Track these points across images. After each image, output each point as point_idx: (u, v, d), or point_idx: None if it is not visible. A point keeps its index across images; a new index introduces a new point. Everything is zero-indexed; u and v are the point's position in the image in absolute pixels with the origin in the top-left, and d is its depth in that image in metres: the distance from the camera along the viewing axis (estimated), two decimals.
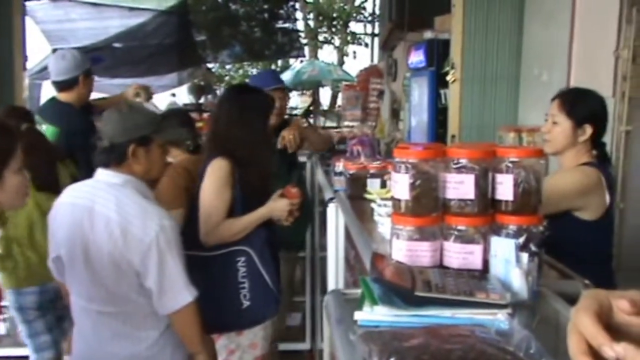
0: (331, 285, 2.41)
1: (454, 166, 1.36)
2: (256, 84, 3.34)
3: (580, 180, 2.21)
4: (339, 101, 14.85)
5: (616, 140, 3.36)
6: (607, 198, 2.24)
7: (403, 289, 1.15)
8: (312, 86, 13.39)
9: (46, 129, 3.43)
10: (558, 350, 1.00)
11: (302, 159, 3.79)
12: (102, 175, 2.09)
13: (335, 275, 2.42)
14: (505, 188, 1.35)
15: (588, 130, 2.23)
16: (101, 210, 2.01)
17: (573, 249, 1.86)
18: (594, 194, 2.21)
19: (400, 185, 1.37)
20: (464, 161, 1.35)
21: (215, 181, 2.38)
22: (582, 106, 2.26)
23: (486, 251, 1.36)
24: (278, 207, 2.45)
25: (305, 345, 4.07)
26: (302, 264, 3.96)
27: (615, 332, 0.62)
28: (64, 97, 3.50)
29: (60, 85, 3.50)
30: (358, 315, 1.14)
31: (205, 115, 6.50)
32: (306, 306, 4.02)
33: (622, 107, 3.30)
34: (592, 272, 1.58)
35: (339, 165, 2.56)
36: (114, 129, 2.06)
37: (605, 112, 2.31)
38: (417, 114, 5.58)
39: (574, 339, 0.64)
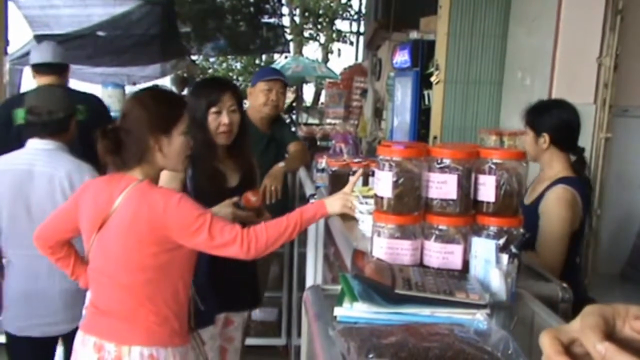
0: (310, 281, 2.41)
1: (438, 166, 1.36)
2: (257, 78, 3.47)
3: (568, 216, 2.34)
4: (322, 98, 14.86)
5: (596, 147, 3.40)
6: (581, 215, 2.39)
7: (383, 286, 1.15)
8: (295, 82, 13.34)
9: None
10: (534, 351, 1.01)
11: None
12: (37, 144, 2.53)
13: (314, 271, 2.42)
14: (487, 189, 1.36)
15: (546, 138, 2.40)
16: (42, 170, 2.48)
17: None
18: (572, 212, 2.35)
19: (384, 182, 1.37)
20: (447, 161, 1.35)
21: (162, 179, 2.28)
22: (541, 118, 2.44)
23: (466, 251, 1.36)
24: (220, 214, 2.35)
25: (280, 341, 4.06)
26: (279, 260, 3.95)
27: (620, 345, 0.62)
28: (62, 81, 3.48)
29: (63, 68, 3.48)
30: (337, 311, 1.14)
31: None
32: (283, 302, 4.01)
33: (602, 115, 3.34)
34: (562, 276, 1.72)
35: (322, 162, 2.56)
36: (55, 105, 2.53)
37: (567, 121, 2.46)
38: (400, 114, 5.59)
39: (547, 339, 0.64)
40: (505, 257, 1.27)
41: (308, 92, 17.11)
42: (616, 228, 3.78)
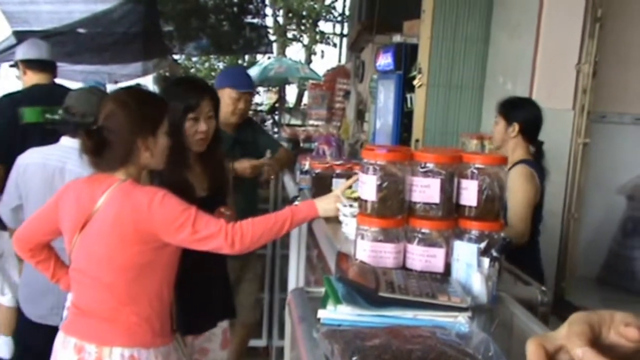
0: (292, 283, 2.42)
1: (421, 170, 1.38)
2: (228, 82, 3.28)
3: (529, 187, 2.72)
4: (305, 99, 14.87)
5: (574, 153, 3.46)
6: (540, 190, 2.78)
7: (366, 289, 1.16)
8: (278, 83, 13.35)
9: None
10: (514, 353, 1.03)
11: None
12: (69, 142, 2.55)
13: (296, 273, 2.43)
14: (469, 193, 1.39)
15: (516, 127, 2.80)
16: (72, 169, 2.50)
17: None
18: (532, 185, 2.74)
19: (368, 186, 1.39)
20: (430, 165, 1.37)
21: None
22: (513, 110, 2.86)
23: (448, 255, 1.39)
24: None
25: (261, 342, 4.06)
26: (261, 262, 3.95)
27: (605, 351, 0.64)
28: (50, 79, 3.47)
29: (54, 66, 3.49)
30: (321, 314, 1.15)
31: None
32: (264, 303, 4.01)
33: (580, 120, 3.40)
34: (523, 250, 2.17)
35: (305, 164, 2.57)
36: (88, 110, 2.48)
37: (535, 117, 2.86)
38: (383, 117, 5.62)
39: (532, 346, 0.66)
40: (486, 261, 1.29)
41: (291, 93, 17.12)
42: (593, 232, 3.84)
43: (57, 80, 3.71)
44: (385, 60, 5.39)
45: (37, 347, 2.68)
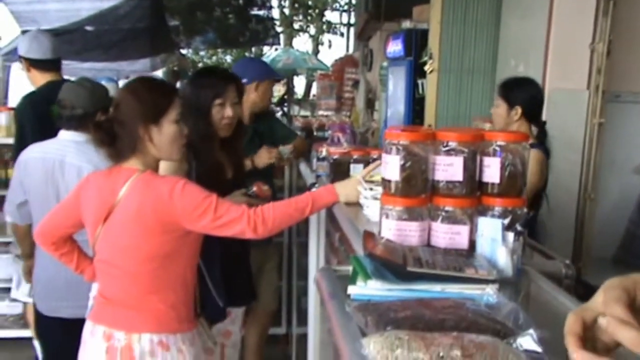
0: (312, 268, 2.44)
1: (444, 149, 1.40)
2: (264, 74, 3.36)
3: (537, 166, 2.72)
4: (314, 90, 14.87)
5: (589, 133, 3.45)
6: (546, 176, 2.82)
7: (395, 264, 1.19)
8: (286, 75, 13.35)
9: None
10: (539, 324, 1.05)
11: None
12: (67, 135, 2.62)
13: (316, 258, 2.46)
14: (492, 171, 1.40)
15: (519, 110, 2.78)
16: (72, 162, 2.57)
17: None
18: (544, 171, 2.79)
19: (391, 166, 1.41)
20: (453, 144, 1.39)
21: (166, 170, 2.25)
22: (514, 92, 2.81)
23: (472, 232, 1.40)
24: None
25: (281, 330, 4.11)
26: (279, 250, 3.98)
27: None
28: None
29: (60, 63, 3.41)
30: (351, 290, 1.18)
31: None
32: (283, 291, 4.05)
33: (595, 100, 3.39)
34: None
35: (322, 151, 2.59)
36: (86, 100, 2.58)
37: (537, 97, 2.86)
38: (394, 104, 5.62)
39: (571, 319, 0.68)
40: (511, 235, 1.31)
41: (299, 84, 17.12)
42: (609, 212, 3.84)
43: (66, 78, 3.71)
44: (395, 47, 5.39)
45: (54, 340, 2.74)
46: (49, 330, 2.75)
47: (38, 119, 3.14)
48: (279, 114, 10.93)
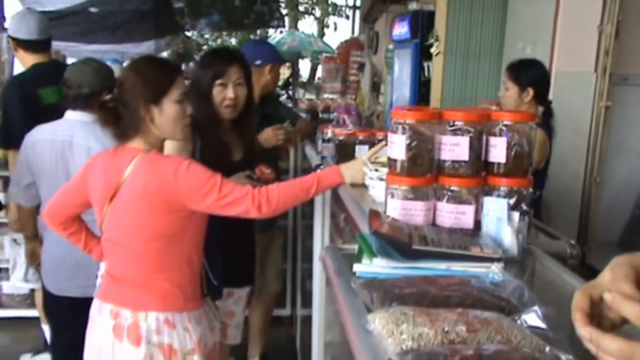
0: (317, 248, 2.46)
1: (450, 128, 1.40)
2: (272, 57, 3.33)
3: (536, 146, 2.67)
4: (319, 73, 14.81)
5: (596, 116, 3.44)
6: (547, 155, 2.86)
7: (401, 242, 1.19)
8: (291, 57, 13.29)
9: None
10: (546, 302, 1.05)
11: None
12: (74, 115, 2.61)
13: (321, 239, 2.47)
14: (498, 150, 1.40)
15: (530, 92, 2.81)
16: (80, 142, 2.57)
17: None
18: (543, 152, 2.81)
19: (397, 145, 1.41)
20: (459, 124, 1.39)
21: (170, 149, 2.25)
22: (524, 74, 2.83)
23: (477, 212, 1.41)
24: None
25: (285, 312, 4.13)
26: (283, 233, 3.99)
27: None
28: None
29: (49, 44, 3.36)
30: (356, 267, 1.19)
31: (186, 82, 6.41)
32: (287, 274, 4.07)
33: (602, 83, 3.37)
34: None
35: (328, 132, 2.58)
36: (92, 79, 2.58)
37: (546, 78, 2.91)
38: (399, 87, 5.60)
39: (578, 296, 0.68)
40: (516, 215, 1.31)
41: (304, 67, 17.05)
42: (615, 196, 3.83)
43: (70, 61, 3.66)
44: (401, 30, 5.36)
45: (62, 318, 2.77)
46: (57, 309, 2.78)
47: (23, 102, 3.11)
48: (284, 97, 10.92)
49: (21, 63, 3.41)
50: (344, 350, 1.67)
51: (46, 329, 3.45)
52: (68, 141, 2.59)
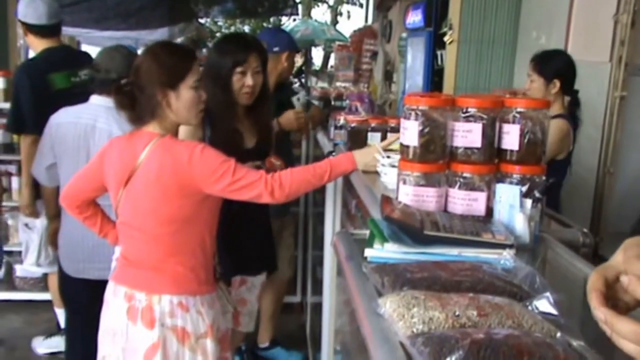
0: (328, 234, 2.46)
1: (463, 115, 1.39)
2: (288, 44, 3.34)
3: (558, 136, 2.75)
4: (331, 61, 14.76)
5: (610, 106, 3.40)
6: (571, 144, 2.87)
7: (412, 227, 1.19)
8: (304, 45, 13.24)
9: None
10: (558, 289, 1.05)
11: None
12: (99, 100, 2.66)
13: (332, 226, 2.47)
14: (511, 138, 1.39)
15: (557, 84, 2.79)
16: (103, 127, 2.63)
17: None
18: (564, 142, 2.82)
19: (410, 131, 1.40)
20: (472, 110, 1.38)
21: (182, 135, 2.24)
22: (550, 65, 2.80)
23: (490, 199, 1.40)
24: None
25: (296, 298, 4.16)
26: (295, 220, 4.01)
27: None
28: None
29: (59, 29, 3.36)
30: (368, 252, 1.19)
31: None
32: (298, 261, 4.09)
33: (617, 73, 3.33)
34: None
35: (340, 119, 2.58)
36: (120, 65, 2.59)
37: (571, 68, 2.84)
38: (412, 76, 5.58)
39: (594, 277, 0.69)
40: (528, 202, 1.31)
41: (317, 55, 16.99)
42: (628, 186, 3.80)
43: (88, 47, 3.67)
44: (415, 18, 5.33)
45: (78, 300, 2.81)
46: (74, 291, 2.83)
47: (34, 87, 3.12)
48: (296, 85, 10.90)
49: (31, 48, 3.42)
50: (353, 338, 1.69)
51: (59, 312, 3.49)
52: (91, 125, 2.65)
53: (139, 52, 5.37)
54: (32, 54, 3.50)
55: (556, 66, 2.82)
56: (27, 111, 3.09)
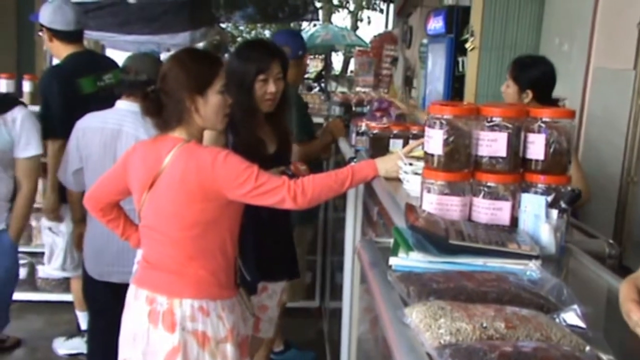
0: (349, 241, 2.46)
1: (488, 124, 1.39)
2: (303, 48, 3.36)
3: None
4: (351, 67, 14.77)
5: (634, 114, 3.36)
6: None
7: (437, 237, 1.19)
8: (324, 50, 13.32)
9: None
10: (585, 301, 1.05)
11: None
12: (125, 105, 2.71)
13: (352, 232, 2.47)
14: (536, 147, 1.39)
15: (529, 94, 2.65)
16: (129, 132, 2.66)
17: None
18: None
19: (434, 140, 1.41)
20: (497, 119, 1.38)
21: (206, 141, 2.22)
22: (525, 74, 2.68)
23: (514, 208, 1.40)
24: None
25: (314, 303, 4.16)
26: (314, 224, 4.01)
27: None
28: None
29: (82, 34, 3.40)
30: (392, 261, 1.19)
31: None
32: (317, 265, 4.09)
33: None
34: None
35: (362, 125, 2.59)
36: (151, 68, 2.60)
37: (549, 79, 2.71)
38: (432, 82, 5.57)
39: (625, 286, 0.68)
40: (554, 212, 1.30)
41: (337, 60, 17.02)
42: None
43: (111, 51, 3.72)
44: (436, 24, 5.32)
45: (101, 303, 2.84)
46: (97, 293, 2.86)
47: (63, 92, 3.15)
48: (316, 90, 10.93)
49: (55, 54, 3.44)
50: (374, 346, 1.68)
51: (80, 314, 3.52)
52: (117, 129, 2.68)
53: (162, 56, 5.42)
54: (55, 60, 3.54)
55: (531, 76, 2.69)
56: (57, 116, 3.12)
